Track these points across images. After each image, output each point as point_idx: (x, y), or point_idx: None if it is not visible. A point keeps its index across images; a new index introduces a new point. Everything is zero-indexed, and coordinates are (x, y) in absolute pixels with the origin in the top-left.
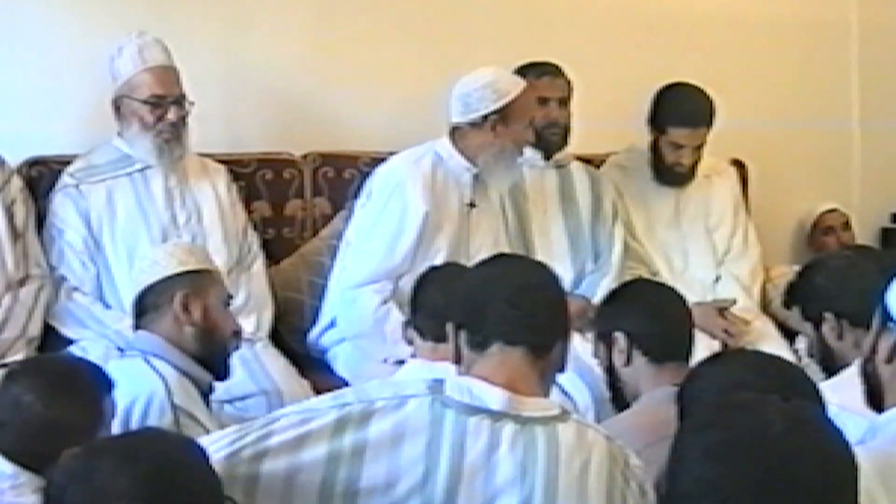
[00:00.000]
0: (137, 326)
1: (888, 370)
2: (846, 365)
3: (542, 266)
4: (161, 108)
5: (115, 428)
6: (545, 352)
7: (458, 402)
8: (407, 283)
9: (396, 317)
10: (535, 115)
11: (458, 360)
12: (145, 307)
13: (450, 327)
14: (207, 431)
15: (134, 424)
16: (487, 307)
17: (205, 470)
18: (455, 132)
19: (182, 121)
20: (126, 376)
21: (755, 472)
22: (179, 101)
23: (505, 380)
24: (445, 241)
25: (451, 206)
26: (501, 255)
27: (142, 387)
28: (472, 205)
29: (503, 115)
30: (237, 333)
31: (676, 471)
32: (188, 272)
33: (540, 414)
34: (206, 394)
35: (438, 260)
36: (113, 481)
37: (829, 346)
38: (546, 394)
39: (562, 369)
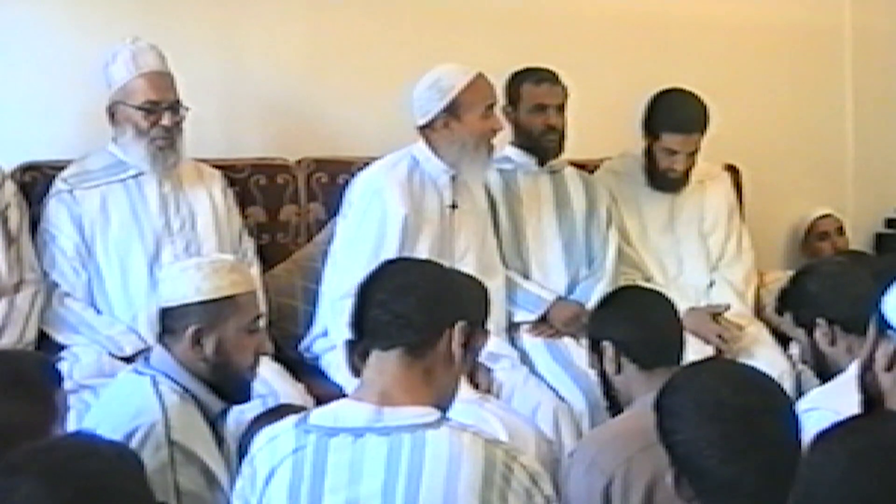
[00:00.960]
0: (160, 339)
1: (888, 378)
2: (840, 370)
3: (423, 263)
4: (155, 113)
5: None
6: (425, 349)
7: (320, 427)
8: None
9: None
10: (492, 101)
11: (356, 374)
12: (164, 326)
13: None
14: (206, 468)
15: None
16: (364, 316)
17: (136, 487)
18: (424, 135)
19: (177, 126)
20: (131, 398)
21: None
22: (174, 106)
23: (377, 392)
24: (427, 245)
25: (430, 209)
26: (387, 262)
27: (143, 417)
28: (453, 206)
29: (452, 111)
30: (260, 356)
31: (817, 474)
32: (205, 302)
33: (409, 422)
34: (216, 419)
35: None
36: None
37: (821, 352)
38: (435, 392)
39: (453, 359)
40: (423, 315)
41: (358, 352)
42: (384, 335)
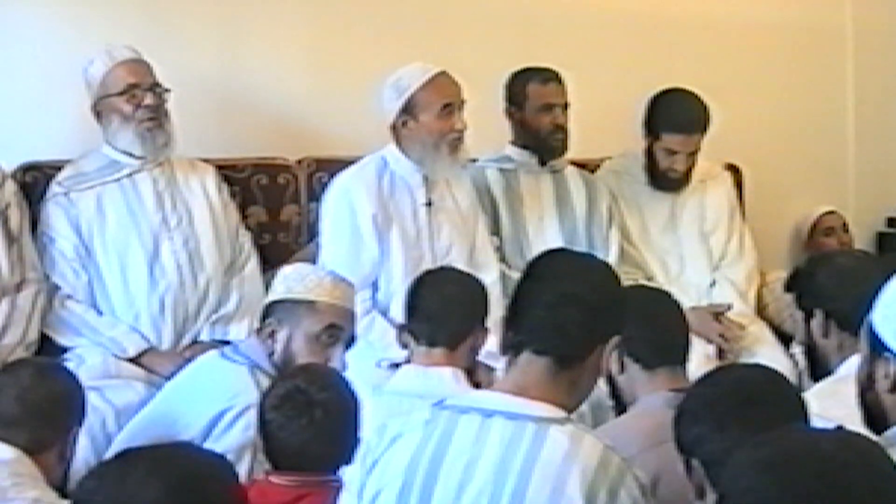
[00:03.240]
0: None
1: (891, 399)
2: (828, 364)
3: (591, 271)
4: (137, 96)
5: (199, 429)
6: (574, 362)
7: (454, 406)
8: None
9: (381, 324)
10: (451, 101)
11: (505, 352)
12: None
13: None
14: None
15: (218, 430)
16: (526, 312)
17: (234, 487)
18: (393, 135)
19: (161, 108)
20: (225, 380)
21: (804, 483)
22: (154, 88)
23: (515, 385)
24: (399, 245)
25: (401, 209)
26: (554, 252)
27: (239, 398)
28: (428, 204)
29: (409, 111)
30: None
31: (728, 486)
32: (284, 301)
33: (537, 414)
34: None
35: (396, 264)
36: (144, 488)
37: (813, 341)
38: (571, 397)
39: (599, 370)
40: (582, 331)
41: (510, 344)
42: (540, 339)
